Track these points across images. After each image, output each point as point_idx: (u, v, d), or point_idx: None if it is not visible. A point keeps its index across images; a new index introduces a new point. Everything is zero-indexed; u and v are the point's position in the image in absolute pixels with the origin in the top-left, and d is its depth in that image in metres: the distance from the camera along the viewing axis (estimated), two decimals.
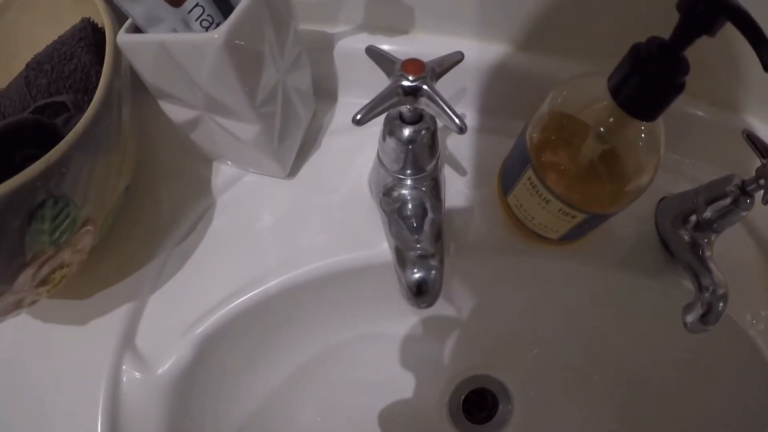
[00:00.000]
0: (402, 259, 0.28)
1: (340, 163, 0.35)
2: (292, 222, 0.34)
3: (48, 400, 0.31)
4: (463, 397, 0.46)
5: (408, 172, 0.31)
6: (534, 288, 0.40)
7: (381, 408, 0.42)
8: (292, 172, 0.35)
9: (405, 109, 0.28)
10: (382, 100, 0.26)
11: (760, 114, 0.39)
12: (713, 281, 0.34)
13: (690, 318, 0.33)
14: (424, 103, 0.26)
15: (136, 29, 0.29)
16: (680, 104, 0.38)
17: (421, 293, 0.28)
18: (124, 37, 0.28)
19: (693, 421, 0.43)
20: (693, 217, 0.36)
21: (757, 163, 0.30)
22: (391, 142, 0.29)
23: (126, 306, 0.33)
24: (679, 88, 0.22)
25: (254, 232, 0.34)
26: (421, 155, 0.30)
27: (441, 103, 0.25)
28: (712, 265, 0.35)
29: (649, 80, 0.22)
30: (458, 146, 0.39)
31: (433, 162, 0.31)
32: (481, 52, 0.36)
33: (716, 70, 0.37)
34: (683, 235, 0.37)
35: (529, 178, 0.31)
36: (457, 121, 0.25)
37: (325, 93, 0.38)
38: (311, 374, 0.41)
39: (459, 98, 0.39)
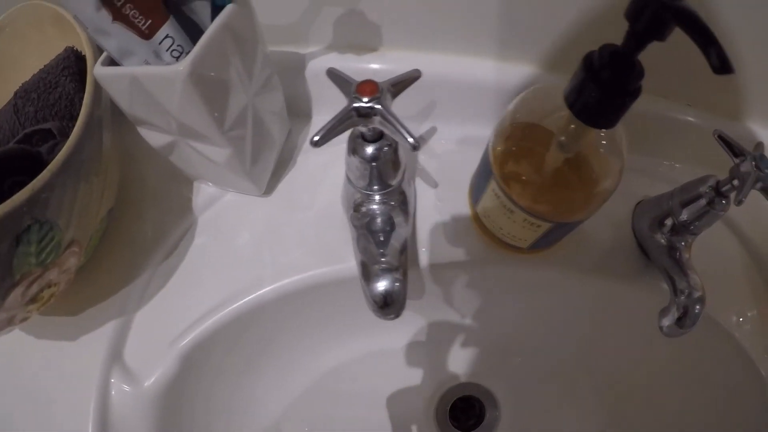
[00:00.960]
0: (367, 273, 0.30)
1: (314, 180, 0.37)
2: (269, 239, 0.36)
3: (40, 413, 0.34)
4: (449, 405, 0.47)
5: (375, 187, 0.33)
6: (514, 296, 0.41)
7: (368, 417, 0.44)
8: (269, 190, 0.38)
9: (364, 128, 0.29)
10: (338, 122, 0.28)
11: (736, 114, 0.39)
12: (689, 284, 0.35)
13: (666, 322, 0.34)
14: (378, 122, 0.28)
15: (112, 61, 0.31)
16: (656, 106, 0.39)
17: (386, 305, 0.30)
18: (100, 70, 0.30)
19: (681, 423, 0.44)
20: (669, 221, 0.37)
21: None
22: (354, 160, 0.31)
23: (114, 322, 0.35)
24: (634, 93, 0.23)
25: (233, 249, 0.36)
26: (386, 171, 0.32)
27: (393, 122, 0.27)
28: (689, 268, 0.36)
29: (602, 88, 0.23)
30: (435, 159, 0.40)
31: (399, 176, 0.33)
32: (452, 65, 0.38)
33: (691, 71, 0.38)
34: (659, 238, 0.38)
35: (493, 189, 0.33)
36: (410, 139, 0.27)
37: (299, 112, 0.40)
38: (297, 386, 0.43)
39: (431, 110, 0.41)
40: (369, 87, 0.28)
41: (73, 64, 0.36)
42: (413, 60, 0.38)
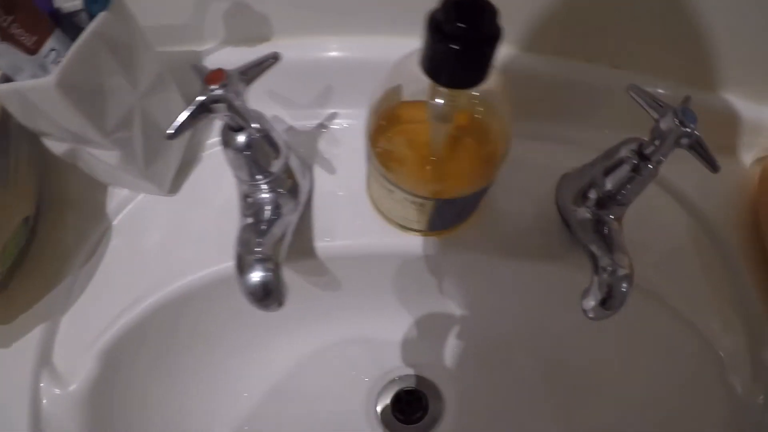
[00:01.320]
0: (241, 265, 0.30)
1: (218, 176, 0.38)
2: (176, 236, 0.37)
3: None
4: (393, 399, 0.47)
5: (258, 177, 0.33)
6: (441, 282, 0.40)
7: (308, 414, 0.44)
8: (174, 189, 0.39)
9: (227, 118, 0.30)
10: (191, 113, 0.28)
11: (664, 71, 0.37)
12: (613, 261, 0.32)
13: (588, 303, 0.32)
14: (224, 111, 0.28)
15: (8, 78, 0.33)
16: (579, 72, 0.37)
17: (265, 296, 0.30)
18: None
19: (635, 405, 0.41)
20: (593, 192, 0.35)
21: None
22: (228, 151, 0.31)
23: (41, 327, 0.37)
24: (490, 40, 0.21)
25: (143, 250, 0.38)
26: (263, 158, 0.32)
27: (237, 110, 0.27)
28: (615, 244, 0.34)
29: (451, 43, 0.20)
30: (337, 145, 0.40)
31: (279, 162, 0.33)
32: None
33: (614, 30, 0.35)
34: (585, 213, 0.36)
35: (373, 170, 0.32)
36: (252, 125, 0.27)
37: None
38: (225, 383, 0.43)
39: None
40: (215, 75, 0.28)
41: None
42: (311, 45, 0.38)
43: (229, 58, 0.38)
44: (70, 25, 0.34)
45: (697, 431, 0.39)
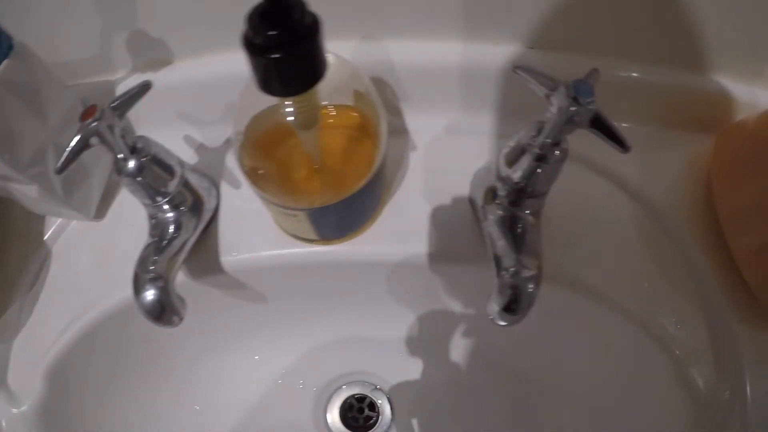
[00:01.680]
0: (136, 284, 0.32)
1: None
2: (106, 258, 0.40)
3: None
4: (341, 406, 0.48)
5: (157, 198, 0.35)
6: (357, 289, 0.41)
7: (256, 425, 0.47)
8: (101, 213, 0.41)
9: (107, 148, 0.32)
10: (71, 150, 0.30)
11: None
12: (518, 261, 0.30)
13: (491, 308, 0.30)
14: (98, 143, 0.30)
15: None
16: (496, 57, 0.37)
17: (161, 314, 0.32)
18: None
19: (588, 403, 0.41)
20: (500, 187, 0.33)
21: None
22: (122, 179, 0.33)
23: None
24: (306, 36, 0.20)
25: (79, 272, 0.41)
26: (156, 181, 0.34)
27: (109, 142, 0.29)
28: (527, 242, 0.32)
29: (265, 56, 0.20)
30: None
31: (175, 182, 0.34)
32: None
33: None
34: (497, 210, 0.33)
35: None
36: (120, 155, 0.29)
37: None
38: (176, 396, 0.46)
39: None
40: (89, 111, 0.30)
41: None
42: (213, 63, 0.40)
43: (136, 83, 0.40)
44: None
45: None
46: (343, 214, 0.32)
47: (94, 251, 0.41)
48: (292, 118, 0.26)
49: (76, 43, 0.39)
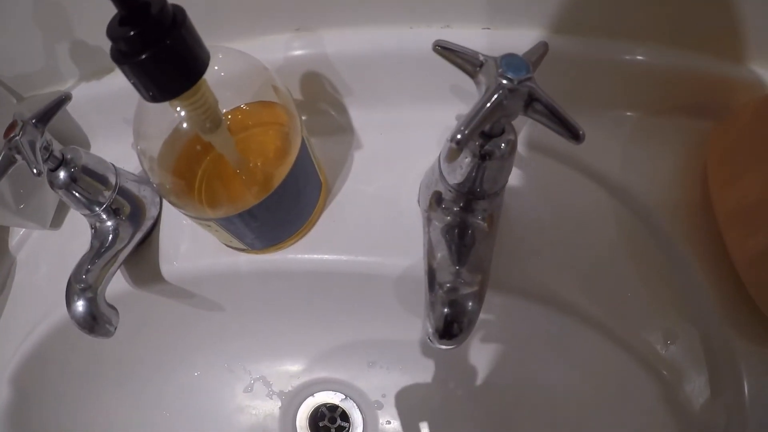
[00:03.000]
0: (68, 295, 0.33)
1: None
2: (63, 267, 0.41)
3: None
4: (311, 414, 0.49)
5: (94, 208, 0.36)
6: (316, 298, 0.41)
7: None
8: (57, 222, 0.43)
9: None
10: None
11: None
12: (457, 275, 0.27)
13: (427, 329, 0.27)
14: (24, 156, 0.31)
15: None
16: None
17: (93, 325, 0.33)
18: None
19: (559, 420, 0.40)
20: (444, 190, 0.29)
21: None
22: (58, 191, 0.34)
23: None
24: (168, 32, 0.19)
25: (39, 280, 0.42)
26: (88, 191, 0.35)
27: (26, 156, 0.30)
28: (472, 253, 0.28)
29: (133, 61, 0.19)
30: None
31: (108, 193, 0.35)
32: None
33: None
34: (442, 215, 0.30)
35: None
36: (34, 169, 0.30)
37: (81, 144, 0.45)
38: (145, 403, 0.47)
39: None
40: (10, 127, 0.31)
41: None
42: None
43: (88, 92, 0.41)
44: None
45: None
46: (261, 221, 0.31)
47: (54, 259, 0.43)
48: (192, 124, 0.25)
49: (23, 57, 0.40)
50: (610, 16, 0.32)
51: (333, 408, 0.48)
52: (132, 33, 0.19)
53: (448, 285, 0.27)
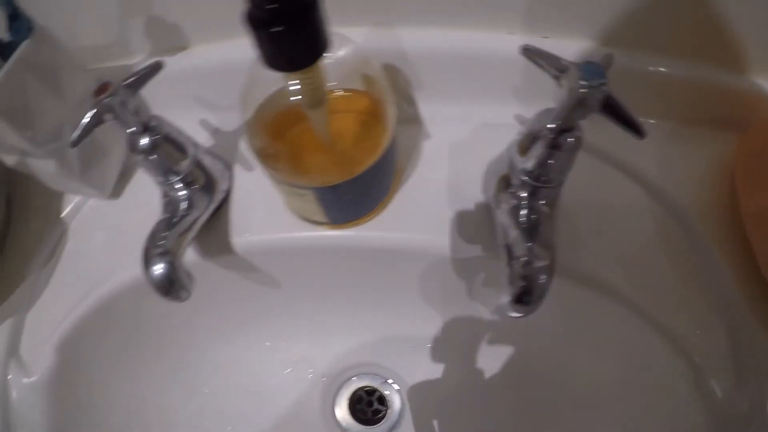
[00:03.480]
0: (146, 258, 0.34)
1: None
2: (121, 236, 0.42)
3: None
4: (350, 398, 0.49)
5: (170, 176, 0.36)
6: (378, 279, 0.42)
7: (264, 412, 0.48)
8: (117, 193, 0.43)
9: (120, 124, 0.33)
10: (86, 124, 0.32)
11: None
12: (530, 251, 0.29)
13: (504, 299, 0.29)
14: (110, 118, 0.31)
15: None
16: (511, 47, 0.37)
17: (169, 288, 0.33)
18: None
19: (601, 418, 0.41)
20: (514, 176, 0.32)
21: None
22: (137, 156, 0.35)
23: (9, 321, 0.43)
24: (307, 8, 0.21)
25: (94, 249, 0.43)
26: (169, 159, 0.35)
27: (121, 116, 0.31)
28: (540, 232, 0.31)
29: (268, 30, 0.21)
30: None
31: (187, 161, 0.36)
32: None
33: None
34: (511, 200, 0.33)
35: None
36: (133, 128, 0.30)
37: None
38: (185, 378, 0.47)
39: None
40: (102, 88, 0.32)
41: None
42: (227, 49, 0.41)
43: None
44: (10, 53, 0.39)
45: None
46: (351, 196, 0.33)
47: (110, 229, 0.43)
48: (300, 97, 0.27)
49: (95, 29, 0.41)
50: (649, 31, 0.35)
51: (371, 391, 0.49)
52: (275, 4, 0.20)
53: (524, 259, 0.29)
